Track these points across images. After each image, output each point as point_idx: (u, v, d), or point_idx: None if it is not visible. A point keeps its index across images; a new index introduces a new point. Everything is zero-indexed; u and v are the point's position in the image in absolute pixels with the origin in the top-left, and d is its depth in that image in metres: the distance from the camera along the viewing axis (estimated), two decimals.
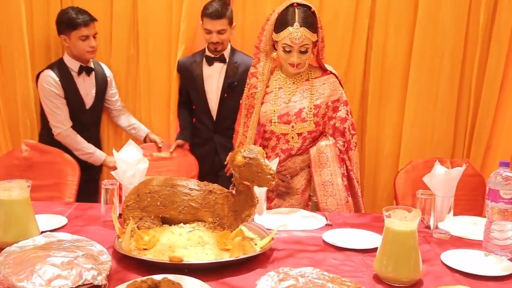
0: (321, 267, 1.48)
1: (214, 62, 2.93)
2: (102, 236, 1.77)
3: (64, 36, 2.82)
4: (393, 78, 2.98)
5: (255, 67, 2.43)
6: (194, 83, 2.97)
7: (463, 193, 2.17)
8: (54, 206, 2.19)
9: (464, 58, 2.92)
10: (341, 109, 2.36)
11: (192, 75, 2.97)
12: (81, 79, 2.91)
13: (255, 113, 2.39)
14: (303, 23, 2.20)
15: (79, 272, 1.35)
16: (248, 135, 2.41)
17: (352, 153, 2.36)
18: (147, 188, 1.73)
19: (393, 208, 1.49)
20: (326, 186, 2.28)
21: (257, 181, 1.65)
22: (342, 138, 2.35)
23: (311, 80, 2.35)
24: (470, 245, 1.79)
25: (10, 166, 2.76)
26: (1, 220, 1.65)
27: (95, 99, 2.98)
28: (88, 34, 2.80)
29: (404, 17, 2.90)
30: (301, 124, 2.31)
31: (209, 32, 2.81)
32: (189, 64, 2.98)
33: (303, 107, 2.31)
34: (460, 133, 3.00)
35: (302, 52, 2.23)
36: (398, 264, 1.46)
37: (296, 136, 2.33)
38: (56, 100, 2.83)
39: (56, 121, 2.86)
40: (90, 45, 2.82)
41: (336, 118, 2.35)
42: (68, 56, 2.89)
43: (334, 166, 2.28)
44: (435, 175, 1.94)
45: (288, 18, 2.22)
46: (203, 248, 1.58)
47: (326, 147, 2.30)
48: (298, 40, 2.19)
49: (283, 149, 2.35)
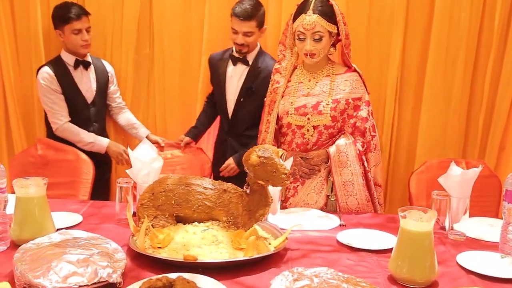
0: (335, 268, 1.48)
1: (237, 62, 2.86)
2: (116, 234, 1.78)
3: (59, 30, 2.85)
4: (409, 80, 2.97)
5: (279, 63, 2.43)
6: (217, 80, 2.93)
7: (478, 194, 2.15)
8: (69, 204, 2.21)
9: (477, 61, 2.92)
10: (363, 109, 2.32)
11: (217, 71, 2.92)
12: (78, 73, 2.92)
13: (276, 107, 2.38)
14: (317, 10, 2.20)
15: (95, 270, 1.36)
16: (270, 130, 2.38)
17: (371, 155, 2.31)
18: (162, 186, 1.74)
19: (409, 209, 1.48)
20: (346, 186, 2.25)
21: (271, 181, 1.65)
22: (361, 138, 2.31)
23: (332, 76, 2.33)
24: (486, 247, 1.77)
25: (25, 163, 2.79)
26: (18, 217, 1.67)
27: (97, 94, 2.99)
28: (81, 27, 2.81)
29: (421, 20, 2.90)
30: (317, 116, 2.28)
31: (235, 32, 2.71)
32: (217, 60, 2.93)
33: (321, 100, 2.29)
34: (473, 134, 2.99)
35: (316, 40, 2.22)
36: (413, 265, 1.45)
37: (311, 129, 2.30)
38: (52, 96, 2.84)
39: (54, 117, 2.87)
40: (83, 38, 2.83)
41: (357, 117, 2.31)
42: (64, 51, 2.92)
43: (355, 166, 2.25)
44: (451, 176, 1.92)
45: (304, 6, 2.24)
46: (217, 247, 1.58)
47: (345, 146, 2.26)
48: (309, 26, 2.19)
49: (298, 143, 2.32)
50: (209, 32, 3.07)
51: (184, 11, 3.08)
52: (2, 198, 1.63)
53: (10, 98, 3.13)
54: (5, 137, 3.25)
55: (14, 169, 2.77)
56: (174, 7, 3.08)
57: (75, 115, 2.91)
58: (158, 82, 3.18)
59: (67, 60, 2.90)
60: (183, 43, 3.12)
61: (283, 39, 2.42)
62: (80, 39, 2.83)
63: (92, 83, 2.97)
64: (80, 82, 2.92)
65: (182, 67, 3.15)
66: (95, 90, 2.98)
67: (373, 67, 2.97)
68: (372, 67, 2.97)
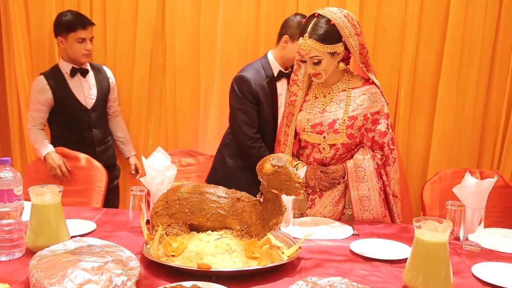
0: (349, 278, 1.47)
1: (282, 78, 2.80)
2: (130, 242, 1.79)
3: (61, 38, 2.88)
4: (423, 90, 2.97)
5: (295, 74, 2.36)
6: (271, 103, 2.82)
7: (493, 205, 2.14)
8: (83, 211, 2.22)
9: (492, 70, 2.90)
10: (381, 122, 2.25)
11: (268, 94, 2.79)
12: (75, 81, 2.95)
13: (294, 121, 2.35)
14: (313, 35, 2.12)
15: (109, 278, 1.36)
16: (288, 144, 2.35)
17: (389, 168, 2.26)
18: (176, 195, 1.74)
19: (424, 219, 1.47)
20: (363, 201, 2.22)
21: (285, 190, 1.64)
22: (380, 152, 2.26)
23: (348, 90, 2.25)
24: (501, 258, 1.76)
25: (40, 170, 2.82)
26: (33, 224, 1.68)
27: (97, 100, 3.02)
28: (85, 37, 2.86)
29: (435, 30, 2.91)
30: (333, 135, 2.23)
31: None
32: (260, 85, 2.76)
33: (337, 118, 2.23)
34: (488, 144, 2.97)
35: (315, 63, 2.17)
36: (428, 275, 1.44)
37: (327, 147, 2.25)
38: (38, 104, 2.91)
39: (32, 118, 2.94)
40: (86, 48, 2.88)
41: (375, 131, 2.24)
42: (62, 60, 2.96)
43: (372, 181, 2.21)
44: (466, 186, 1.90)
45: (303, 28, 2.18)
46: (231, 255, 1.58)
47: (363, 160, 2.22)
48: (304, 51, 2.15)
49: (316, 158, 2.29)
50: (223, 43, 3.09)
51: (196, 20, 3.12)
52: (18, 206, 1.64)
53: (23, 106, 3.17)
54: (18, 145, 3.29)
55: (28, 176, 2.80)
56: (186, 17, 3.11)
57: (74, 120, 2.96)
58: (169, 91, 3.21)
59: (64, 68, 2.94)
60: (194, 52, 3.15)
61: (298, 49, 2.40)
62: (83, 48, 2.87)
63: (92, 90, 3.00)
64: (77, 89, 2.96)
65: (192, 76, 3.18)
66: (95, 96, 3.01)
67: (385, 76, 2.98)
68: (383, 76, 2.97)
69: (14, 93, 3.24)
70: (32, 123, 2.94)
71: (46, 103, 2.90)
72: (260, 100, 2.73)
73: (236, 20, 3.07)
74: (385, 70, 2.98)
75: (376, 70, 2.95)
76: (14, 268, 1.56)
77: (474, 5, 2.83)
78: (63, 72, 2.94)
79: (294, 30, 2.67)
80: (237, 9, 3.06)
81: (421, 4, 2.89)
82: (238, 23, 3.07)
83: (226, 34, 3.10)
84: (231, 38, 3.10)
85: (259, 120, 2.77)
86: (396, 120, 3.02)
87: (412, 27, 2.90)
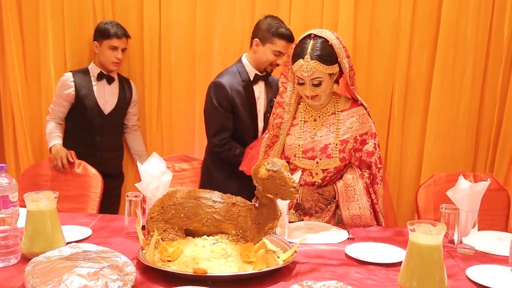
0: (345, 281, 1.48)
1: (259, 81, 2.81)
2: (126, 247, 1.79)
3: (97, 43, 3.00)
4: (416, 93, 2.99)
5: (281, 96, 2.32)
6: (249, 107, 2.80)
7: (487, 208, 2.14)
8: (78, 217, 2.22)
9: (485, 73, 2.92)
10: (369, 142, 2.25)
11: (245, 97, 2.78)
12: (100, 85, 3.04)
13: (280, 144, 2.32)
14: (315, 55, 2.09)
15: (105, 283, 1.37)
16: None
17: (377, 187, 2.26)
18: (171, 200, 1.75)
19: (418, 222, 1.48)
20: (354, 219, 2.22)
21: (280, 194, 1.65)
22: (368, 170, 2.27)
23: (337, 113, 2.25)
24: (495, 261, 1.77)
25: (35, 176, 2.82)
26: (29, 230, 1.68)
27: (116, 108, 3.07)
28: (118, 46, 2.97)
29: (427, 32, 2.93)
30: (326, 160, 2.22)
31: (278, 54, 2.71)
32: (236, 89, 2.74)
33: (329, 143, 2.22)
34: (482, 147, 2.99)
35: (315, 85, 2.14)
36: (422, 278, 1.44)
37: (320, 172, 2.25)
38: (60, 98, 3.00)
39: (52, 111, 3.03)
40: (116, 56, 2.98)
41: (363, 151, 2.25)
42: (93, 64, 3.06)
43: (362, 199, 2.21)
44: (459, 190, 1.91)
45: (301, 49, 2.12)
46: (227, 260, 1.59)
47: (352, 180, 2.23)
48: (307, 73, 2.09)
49: (306, 181, 2.28)
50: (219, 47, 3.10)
51: (191, 24, 3.13)
52: (13, 212, 1.64)
53: (17, 115, 3.18)
54: (13, 152, 3.28)
55: (24, 183, 2.80)
56: (182, 22, 3.12)
57: (87, 121, 3.02)
58: (164, 96, 3.22)
59: (93, 71, 3.05)
60: (190, 56, 3.16)
61: (284, 71, 2.31)
62: (114, 56, 2.98)
63: (113, 97, 3.07)
64: (99, 93, 3.03)
65: (188, 80, 3.19)
66: (115, 104, 3.07)
67: (379, 79, 2.99)
68: (377, 79, 2.99)
69: (7, 101, 3.24)
70: (51, 116, 3.03)
71: (68, 98, 2.99)
72: (236, 107, 2.72)
73: (232, 24, 3.08)
74: (379, 73, 2.99)
75: (371, 73, 2.99)
76: (10, 274, 1.55)
77: (467, 8, 2.85)
78: (91, 75, 3.04)
79: (264, 33, 2.70)
80: (232, 14, 3.07)
81: (414, 7, 2.91)
82: (234, 27, 3.08)
83: (221, 38, 3.11)
84: (227, 43, 3.10)
85: (238, 126, 2.77)
86: (390, 123, 3.03)
87: (406, 30, 2.92)
